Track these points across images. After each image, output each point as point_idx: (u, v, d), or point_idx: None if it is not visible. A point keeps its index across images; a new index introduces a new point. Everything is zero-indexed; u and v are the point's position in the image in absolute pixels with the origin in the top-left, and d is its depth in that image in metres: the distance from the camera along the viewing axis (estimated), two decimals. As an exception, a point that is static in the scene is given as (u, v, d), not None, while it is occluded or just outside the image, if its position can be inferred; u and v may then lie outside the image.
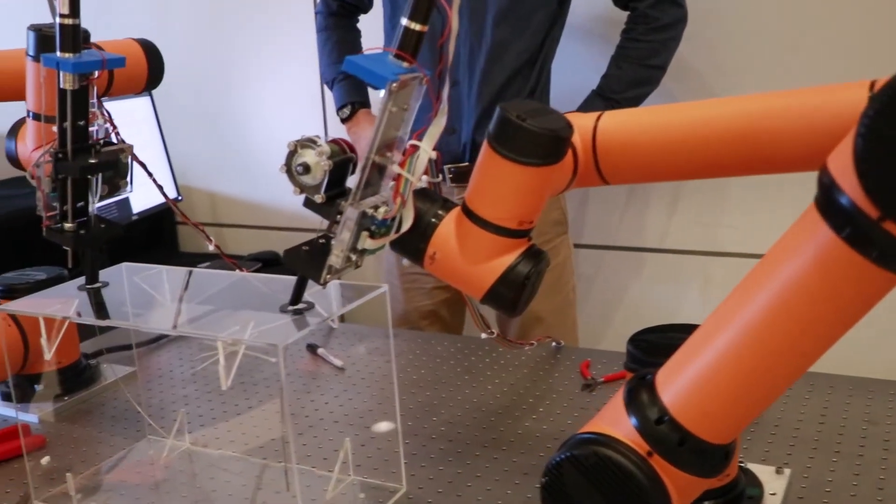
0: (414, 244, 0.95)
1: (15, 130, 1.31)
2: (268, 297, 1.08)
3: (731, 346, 0.78)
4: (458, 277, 0.95)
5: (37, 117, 1.22)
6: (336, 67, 2.00)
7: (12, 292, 1.37)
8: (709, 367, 0.79)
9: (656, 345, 1.03)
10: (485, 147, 0.90)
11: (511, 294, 0.92)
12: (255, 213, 2.79)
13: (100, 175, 1.14)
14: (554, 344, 1.55)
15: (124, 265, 1.24)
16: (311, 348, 1.57)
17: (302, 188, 0.91)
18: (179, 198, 2.73)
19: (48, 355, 1.08)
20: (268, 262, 2.50)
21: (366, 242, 0.89)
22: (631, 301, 2.36)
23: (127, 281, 1.20)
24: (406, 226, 0.91)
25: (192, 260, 2.65)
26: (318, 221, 0.93)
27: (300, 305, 0.98)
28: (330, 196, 0.91)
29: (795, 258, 0.74)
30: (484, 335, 1.20)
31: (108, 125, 1.15)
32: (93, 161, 1.12)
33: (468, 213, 0.93)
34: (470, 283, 0.95)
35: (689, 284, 2.27)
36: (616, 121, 0.94)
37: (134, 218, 2.49)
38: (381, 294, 1.04)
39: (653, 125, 0.93)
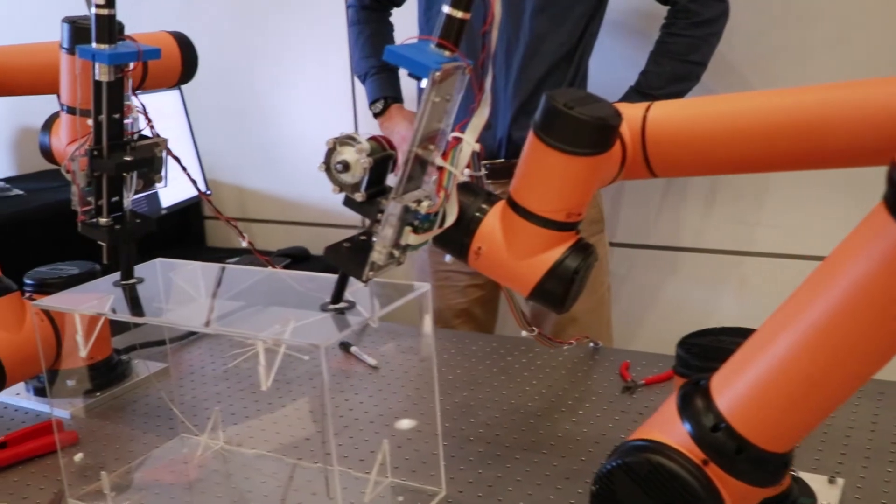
0: (458, 239, 0.92)
1: (49, 125, 1.30)
2: (304, 295, 1.06)
3: (792, 351, 0.75)
4: (504, 273, 0.93)
5: (71, 111, 1.20)
6: (369, 61, 1.97)
7: (45, 287, 1.35)
8: (768, 372, 0.76)
9: (708, 348, 1.00)
10: (530, 137, 0.88)
11: (559, 289, 0.90)
12: (283, 209, 2.77)
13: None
14: (592, 344, 1.52)
15: (158, 261, 1.22)
16: (345, 346, 1.55)
17: (341, 186, 0.89)
18: (208, 192, 2.72)
19: (83, 352, 1.07)
20: (297, 258, 2.48)
21: (409, 238, 0.87)
22: (665, 301, 2.32)
23: (161, 277, 1.18)
24: (450, 220, 0.89)
25: (220, 255, 2.63)
26: (349, 216, 0.91)
27: (341, 304, 0.95)
28: (370, 194, 0.88)
29: (862, 259, 0.71)
30: (524, 333, 1.17)
31: (142, 118, 1.13)
32: (128, 158, 1.10)
33: (514, 205, 0.90)
34: (516, 279, 0.92)
35: (724, 285, 2.23)
36: (667, 111, 0.92)
37: (163, 212, 2.47)
38: (416, 289, 1.01)
39: (705, 116, 0.90)
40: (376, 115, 1.97)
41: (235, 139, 2.81)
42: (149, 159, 1.12)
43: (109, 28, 1.03)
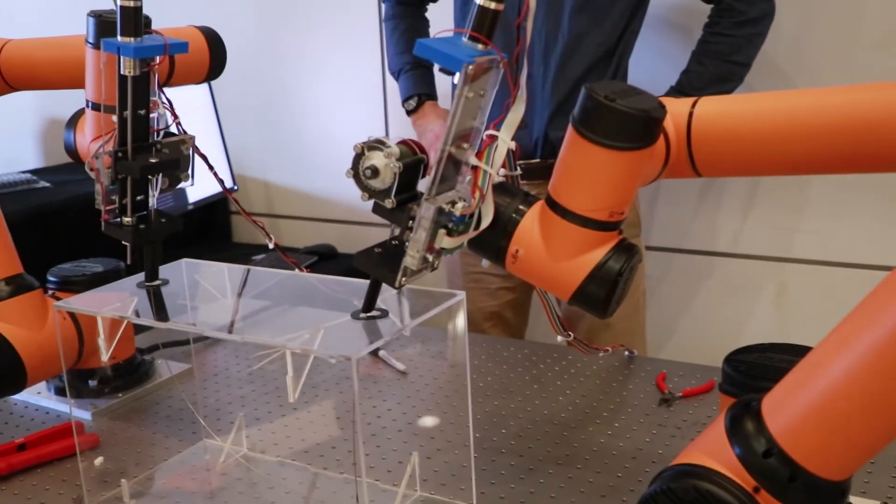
0: (495, 242, 0.88)
1: (74, 121, 1.27)
2: (333, 300, 1.02)
3: (851, 372, 0.71)
4: (543, 276, 0.88)
5: (96, 107, 1.17)
6: (403, 57, 1.93)
7: (68, 285, 1.32)
8: (825, 394, 0.72)
9: (756, 366, 0.95)
10: (570, 132, 0.83)
11: (602, 293, 0.85)
12: (311, 205, 2.74)
13: None
14: (627, 353, 1.47)
15: (184, 261, 1.18)
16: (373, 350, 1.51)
17: (370, 193, 0.85)
18: (235, 188, 2.69)
19: (105, 356, 1.03)
20: (324, 256, 2.44)
21: (443, 241, 0.84)
22: (699, 308, 2.27)
23: (187, 278, 1.15)
24: (486, 222, 0.85)
25: (246, 251, 2.60)
26: (377, 216, 0.87)
27: (373, 313, 0.91)
28: (401, 200, 0.85)
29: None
30: (559, 338, 1.13)
31: (168, 114, 1.09)
32: (154, 160, 1.07)
33: (553, 205, 0.86)
34: (557, 283, 0.88)
35: (761, 292, 2.17)
36: (715, 107, 0.87)
37: (190, 208, 2.45)
38: (451, 297, 0.97)
39: (757, 113, 0.85)
40: (409, 113, 1.92)
41: (264, 134, 2.78)
42: (174, 161, 1.09)
43: (135, 20, 1.00)
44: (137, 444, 1.25)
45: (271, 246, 1.18)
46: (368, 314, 0.91)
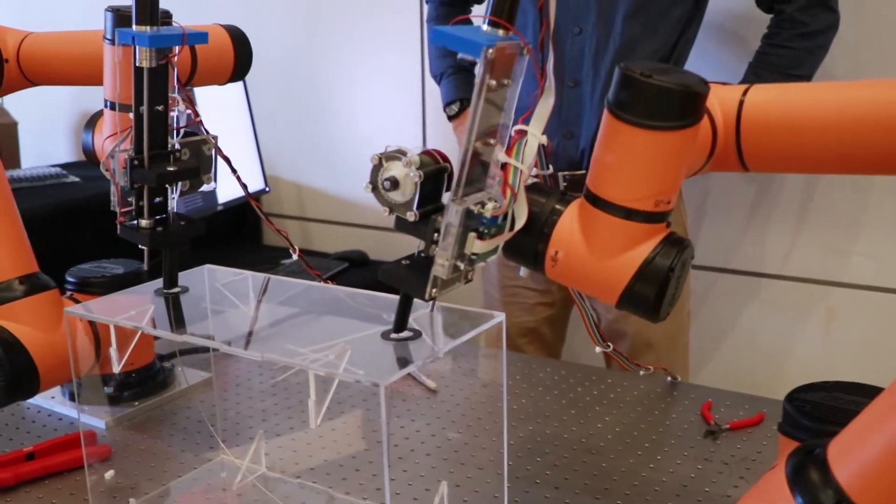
0: (531, 247, 0.82)
1: (93, 123, 1.21)
2: (362, 316, 0.96)
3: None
4: (587, 279, 0.81)
5: (114, 106, 1.11)
6: (445, 61, 1.86)
7: (86, 286, 1.27)
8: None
9: (821, 406, 0.87)
10: (605, 118, 0.77)
11: (652, 292, 0.78)
12: (344, 209, 2.67)
13: None
14: (669, 378, 1.39)
15: (206, 268, 1.12)
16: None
17: (391, 207, 0.79)
18: (267, 189, 2.63)
19: (117, 367, 0.97)
20: (355, 263, 2.38)
21: (474, 245, 0.77)
22: (742, 330, 2.17)
23: (208, 286, 1.08)
24: (520, 222, 0.79)
25: (275, 254, 2.54)
26: (385, 210, 0.81)
27: (405, 333, 0.84)
28: (424, 213, 0.78)
29: None
30: (598, 349, 1.05)
31: (189, 112, 1.03)
32: (172, 168, 1.01)
33: (592, 199, 0.79)
34: (602, 285, 0.80)
35: (809, 317, 2.08)
36: (769, 96, 0.80)
37: (219, 208, 2.39)
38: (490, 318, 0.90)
39: (814, 103, 0.78)
40: (451, 118, 1.86)
41: (298, 135, 2.72)
42: (193, 169, 1.02)
43: (151, 8, 0.94)
44: (151, 457, 1.19)
45: (295, 257, 1.11)
46: (400, 334, 0.84)
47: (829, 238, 2.01)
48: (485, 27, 0.73)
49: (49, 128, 3.16)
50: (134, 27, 0.92)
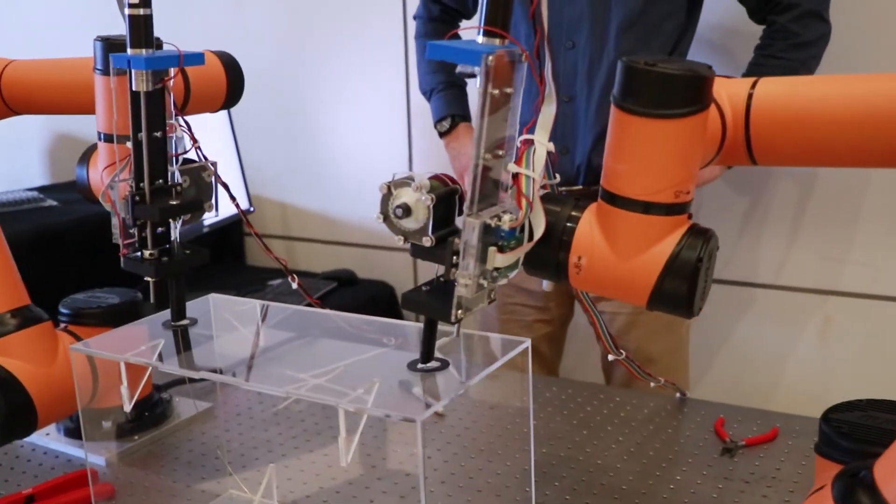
0: (552, 257, 0.80)
1: (87, 157, 1.17)
2: (379, 346, 0.93)
3: None
4: (613, 281, 0.79)
5: (108, 139, 1.07)
6: (435, 77, 1.84)
7: (82, 318, 1.22)
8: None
9: (858, 426, 0.85)
10: (613, 113, 0.76)
11: (683, 287, 0.76)
12: (329, 228, 2.63)
13: None
14: (678, 395, 1.37)
15: (211, 297, 1.09)
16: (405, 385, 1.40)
17: (406, 235, 0.78)
18: (251, 209, 2.59)
19: (128, 406, 0.93)
20: (343, 282, 2.34)
21: (495, 260, 0.75)
22: (738, 340, 2.16)
23: (215, 317, 1.05)
24: (539, 231, 0.77)
25: (260, 275, 2.50)
26: (399, 238, 0.79)
27: (432, 364, 0.82)
28: (439, 237, 0.77)
29: None
30: (611, 357, 1.03)
31: (187, 139, 1.00)
32: (174, 202, 0.98)
33: (609, 198, 0.78)
34: (629, 286, 0.79)
35: (805, 326, 2.07)
36: (778, 89, 0.79)
37: (205, 230, 2.35)
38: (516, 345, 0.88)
39: (824, 96, 0.77)
40: (442, 135, 1.84)
41: (281, 154, 2.68)
42: (196, 202, 0.99)
43: (146, 30, 0.91)
44: (156, 494, 1.15)
45: (294, 286, 1.08)
46: (427, 364, 0.82)
47: (823, 246, 2.00)
48: (480, 38, 0.72)
49: (19, 150, 3.10)
50: (129, 51, 0.90)
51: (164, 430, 1.30)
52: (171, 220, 0.98)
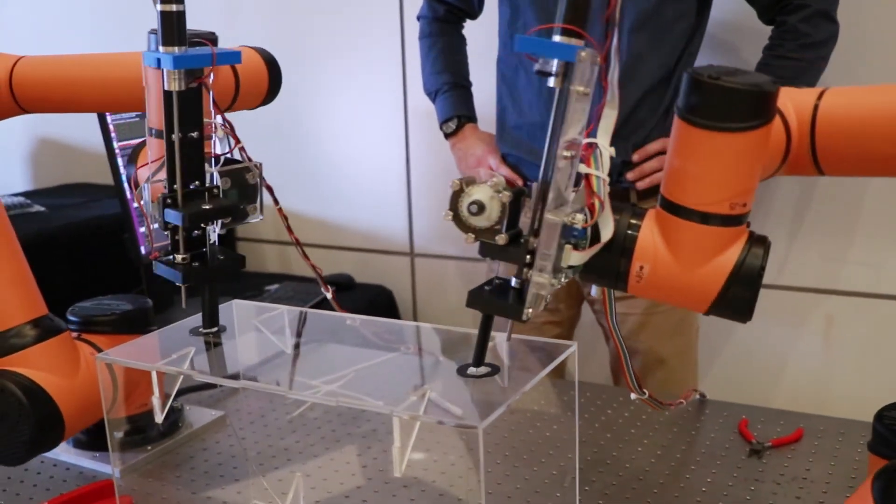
0: (612, 265, 0.80)
1: (135, 155, 1.14)
2: (420, 351, 0.91)
3: None
4: (675, 291, 0.80)
5: (159, 134, 1.04)
6: (441, 77, 1.82)
7: (94, 325, 1.19)
8: None
9: (913, 425, 0.84)
10: (676, 123, 0.76)
11: (747, 294, 0.78)
12: (325, 232, 2.59)
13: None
14: (699, 396, 1.36)
15: (234, 303, 1.06)
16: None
17: (476, 233, 0.77)
18: (261, 216, 2.54)
19: (160, 416, 0.90)
20: (342, 287, 2.31)
21: (570, 257, 0.76)
22: (741, 340, 2.16)
23: (240, 323, 1.02)
24: (607, 233, 0.77)
25: (256, 280, 2.46)
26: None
27: (482, 370, 0.80)
28: (511, 236, 0.77)
29: None
30: (634, 396, 1.03)
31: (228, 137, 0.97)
32: (206, 207, 0.94)
33: (670, 207, 0.78)
34: (692, 294, 0.79)
35: (807, 325, 2.06)
36: (844, 99, 0.78)
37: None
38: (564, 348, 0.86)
39: (891, 106, 0.76)
40: (448, 136, 1.81)
41: (275, 156, 2.63)
42: (229, 208, 0.96)
43: (178, 27, 0.88)
44: (176, 506, 1.12)
45: (329, 296, 1.05)
46: (478, 370, 0.80)
47: (824, 246, 2.00)
48: (557, 37, 0.72)
49: (2, 155, 3.04)
50: (161, 48, 0.86)
51: (177, 440, 1.26)
52: (206, 225, 0.95)
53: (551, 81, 0.73)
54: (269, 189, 1.01)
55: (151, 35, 0.97)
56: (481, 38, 1.87)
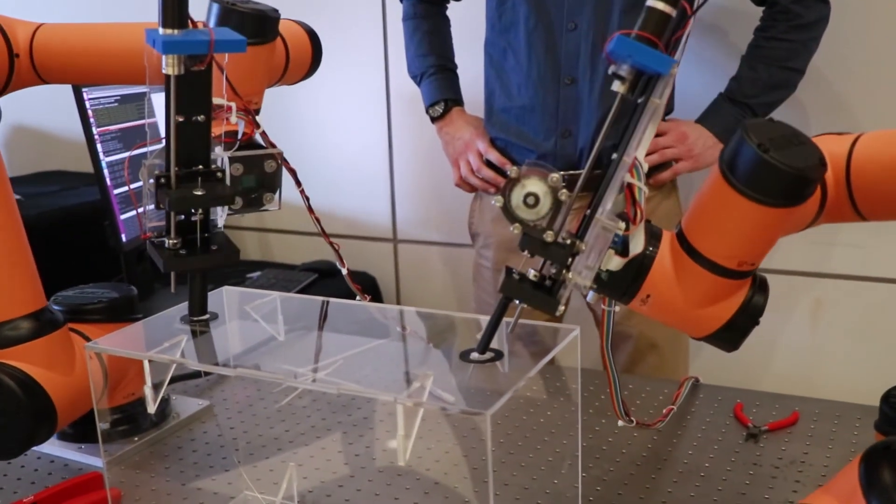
0: (625, 281, 0.79)
1: None
2: (419, 335, 0.89)
3: None
4: (674, 318, 0.82)
5: None
6: (427, 60, 1.79)
7: (82, 314, 1.16)
8: None
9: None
10: (715, 171, 0.76)
11: (740, 337, 0.82)
12: (305, 219, 2.56)
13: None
14: (693, 381, 1.35)
15: (225, 289, 1.03)
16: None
17: (523, 224, 0.76)
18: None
19: (152, 407, 0.87)
20: (325, 273, 2.28)
21: (612, 262, 0.76)
22: (728, 324, 2.16)
23: (230, 309, 1.00)
24: (636, 247, 0.77)
25: (239, 268, 2.42)
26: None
27: (487, 355, 0.78)
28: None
29: None
30: (621, 423, 1.02)
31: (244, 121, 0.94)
32: (198, 193, 0.90)
33: (686, 245, 0.78)
34: (688, 326, 0.82)
35: (796, 309, 2.06)
36: (878, 144, 0.79)
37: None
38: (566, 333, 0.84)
39: None
40: (434, 120, 1.79)
41: (254, 144, 2.61)
42: (220, 197, 0.92)
43: (179, 8, 0.83)
44: (165, 498, 1.09)
45: (345, 272, 1.03)
46: (482, 356, 0.78)
47: (812, 229, 1.99)
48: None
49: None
50: (160, 30, 0.82)
51: (164, 431, 1.24)
52: (196, 210, 0.91)
53: (617, 86, 0.73)
54: (293, 172, 0.98)
55: (214, 4, 0.94)
56: (467, 19, 1.84)
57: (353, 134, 2.42)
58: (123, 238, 1.87)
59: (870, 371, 1.97)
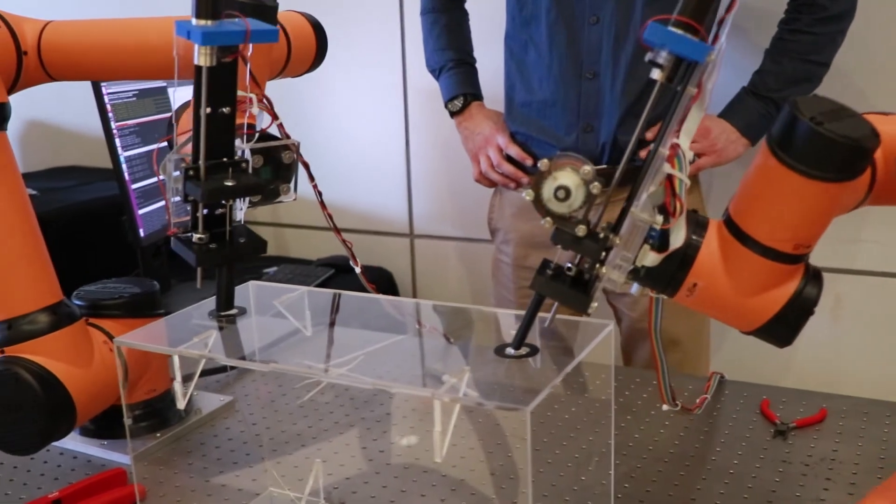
0: (668, 271, 0.76)
1: (178, 115, 1.09)
2: (438, 329, 0.87)
3: None
4: (723, 311, 0.79)
5: None
6: (445, 54, 1.78)
7: (103, 309, 1.15)
8: None
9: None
10: (765, 151, 0.73)
11: (793, 329, 0.79)
12: (320, 214, 2.55)
13: None
14: (718, 377, 1.33)
15: (251, 284, 1.03)
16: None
17: (554, 218, 0.74)
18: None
19: (181, 403, 0.87)
20: (340, 269, 2.27)
21: (647, 257, 0.74)
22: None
23: (258, 304, 0.99)
24: (677, 240, 0.74)
25: (253, 262, 2.41)
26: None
27: (522, 350, 0.77)
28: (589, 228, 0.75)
29: None
30: (665, 407, 1.00)
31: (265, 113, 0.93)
32: (229, 183, 0.90)
33: (732, 227, 0.75)
34: (739, 318, 0.79)
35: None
36: None
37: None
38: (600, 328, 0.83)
39: None
40: (454, 114, 1.77)
41: (270, 139, 2.60)
42: (253, 185, 0.92)
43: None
44: (190, 495, 1.09)
45: (358, 270, 1.02)
46: (518, 351, 0.77)
47: (834, 225, 1.97)
48: (672, 29, 0.70)
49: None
50: (194, 20, 0.82)
51: (187, 426, 1.23)
52: (230, 202, 0.91)
53: (656, 74, 0.71)
54: (306, 165, 0.98)
55: None
56: (487, 12, 1.82)
57: (370, 128, 2.41)
58: (142, 233, 1.86)
59: (891, 367, 1.95)
